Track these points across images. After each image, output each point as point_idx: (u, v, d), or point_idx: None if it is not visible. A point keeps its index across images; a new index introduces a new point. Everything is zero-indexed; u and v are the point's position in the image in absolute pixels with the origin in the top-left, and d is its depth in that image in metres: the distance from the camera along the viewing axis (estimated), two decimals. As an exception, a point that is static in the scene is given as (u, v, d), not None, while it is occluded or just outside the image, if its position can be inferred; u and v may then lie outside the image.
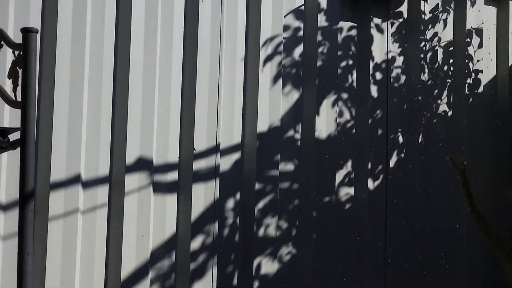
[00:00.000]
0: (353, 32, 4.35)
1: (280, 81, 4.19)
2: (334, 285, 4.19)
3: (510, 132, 4.60)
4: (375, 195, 4.33)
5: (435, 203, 4.46)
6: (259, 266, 4.05)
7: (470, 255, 4.53)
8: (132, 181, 3.89)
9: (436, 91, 4.50)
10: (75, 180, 3.80)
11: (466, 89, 4.56)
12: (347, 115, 4.33)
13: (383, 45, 4.40)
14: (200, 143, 4.02)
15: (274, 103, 4.17)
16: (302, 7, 4.23)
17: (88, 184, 3.83)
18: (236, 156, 4.09)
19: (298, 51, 4.22)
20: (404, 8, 4.44)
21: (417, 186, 4.42)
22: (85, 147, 3.83)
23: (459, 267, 4.49)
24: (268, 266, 4.07)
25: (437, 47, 4.50)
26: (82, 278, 3.77)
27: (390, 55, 4.40)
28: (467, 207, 3.68)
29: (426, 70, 4.50)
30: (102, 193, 3.85)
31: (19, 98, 2.69)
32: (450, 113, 4.51)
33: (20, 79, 2.68)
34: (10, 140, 2.73)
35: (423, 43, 4.48)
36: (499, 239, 3.64)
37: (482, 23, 4.61)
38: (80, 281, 3.76)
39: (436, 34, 4.50)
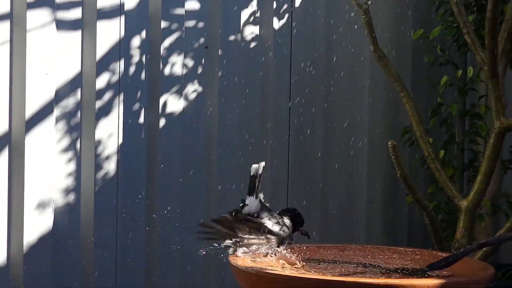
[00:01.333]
0: None
1: None
2: (237, 118, 4.26)
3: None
4: (280, 34, 4.36)
5: (340, 42, 4.52)
6: (165, 104, 4.08)
7: (373, 93, 4.64)
8: (34, 18, 3.81)
9: None
10: (-25, 17, 3.71)
11: None
12: (252, -46, 4.29)
13: None
14: (104, -20, 3.94)
15: None
16: None
17: (-12, 21, 3.75)
18: (141, -7, 4.03)
19: None
20: None
21: (321, 25, 4.46)
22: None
23: (361, 103, 4.61)
24: (174, 104, 4.10)
25: None
26: (-14, 117, 3.74)
27: None
28: (370, 45, 3.76)
29: None
30: (3, 30, 3.77)
31: None
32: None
33: None
34: None
35: None
36: (399, 77, 3.75)
37: None
38: (-17, 119, 3.74)
39: None
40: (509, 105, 4.18)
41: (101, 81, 3.94)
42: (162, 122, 4.07)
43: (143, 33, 4.02)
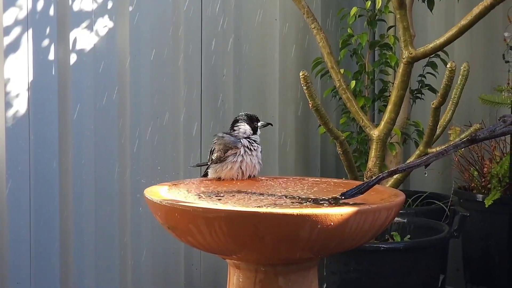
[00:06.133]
0: None
1: None
2: (148, 52, 4.23)
3: None
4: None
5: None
6: (75, 40, 4.02)
7: (283, 25, 4.66)
8: None
9: None
10: None
11: None
12: None
13: None
14: None
15: None
16: None
17: None
18: None
19: None
20: None
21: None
22: None
23: (273, 35, 4.62)
24: (84, 39, 4.04)
25: None
26: None
27: None
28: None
29: None
30: None
31: None
32: None
33: None
34: None
35: None
36: (309, 8, 3.77)
37: None
38: None
39: None
40: (417, 35, 4.26)
41: (9, 17, 3.85)
42: (73, 58, 4.02)
43: (50, -33, 3.95)
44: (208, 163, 3.06)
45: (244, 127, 3.03)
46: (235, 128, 3.05)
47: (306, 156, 4.83)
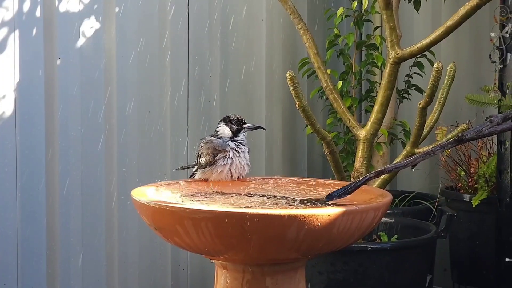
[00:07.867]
0: None
1: None
2: (135, 53, 4.23)
3: None
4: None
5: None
6: (62, 41, 4.00)
7: (270, 26, 4.66)
8: None
9: None
10: None
11: None
12: None
13: None
14: None
15: None
16: None
17: None
18: None
19: None
20: None
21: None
22: None
23: (259, 36, 4.62)
24: (71, 41, 4.02)
25: None
26: None
27: None
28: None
29: None
30: None
31: None
32: None
33: None
34: None
35: None
36: (296, 9, 3.77)
37: None
38: None
39: None
40: (403, 36, 4.27)
41: (-5, 17, 3.85)
42: (59, 59, 4.01)
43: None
44: (195, 166, 3.06)
45: (222, 129, 3.04)
46: (216, 130, 3.06)
47: (293, 156, 4.84)
